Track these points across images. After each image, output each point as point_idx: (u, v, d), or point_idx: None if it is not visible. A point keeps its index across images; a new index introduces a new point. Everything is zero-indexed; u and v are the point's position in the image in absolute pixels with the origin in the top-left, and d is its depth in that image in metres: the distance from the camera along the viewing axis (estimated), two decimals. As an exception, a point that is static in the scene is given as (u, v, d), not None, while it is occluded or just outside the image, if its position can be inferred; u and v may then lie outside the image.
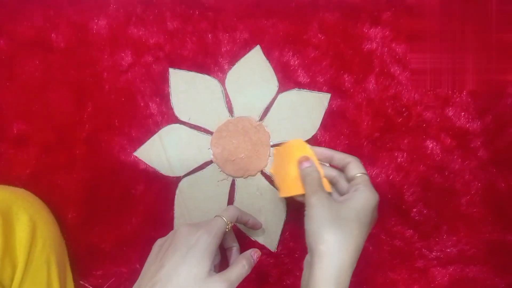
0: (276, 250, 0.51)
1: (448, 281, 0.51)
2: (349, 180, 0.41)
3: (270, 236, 0.51)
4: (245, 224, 0.46)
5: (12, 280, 0.41)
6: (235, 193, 0.52)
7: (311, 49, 0.52)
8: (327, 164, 0.45)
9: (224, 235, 0.41)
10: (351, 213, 0.37)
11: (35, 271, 0.42)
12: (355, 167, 0.41)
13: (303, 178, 0.42)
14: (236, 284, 0.38)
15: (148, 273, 0.38)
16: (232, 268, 0.39)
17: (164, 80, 0.52)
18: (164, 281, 0.36)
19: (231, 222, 0.42)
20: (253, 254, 0.42)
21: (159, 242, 0.41)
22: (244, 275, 0.39)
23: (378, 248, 0.51)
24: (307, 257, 0.38)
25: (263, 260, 0.51)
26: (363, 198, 0.38)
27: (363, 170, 0.41)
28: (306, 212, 0.39)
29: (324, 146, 0.51)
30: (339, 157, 0.43)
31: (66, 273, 0.48)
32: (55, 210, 0.50)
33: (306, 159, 0.43)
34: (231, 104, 0.52)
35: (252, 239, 0.51)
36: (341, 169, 0.43)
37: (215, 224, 0.40)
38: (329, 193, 0.41)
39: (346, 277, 0.35)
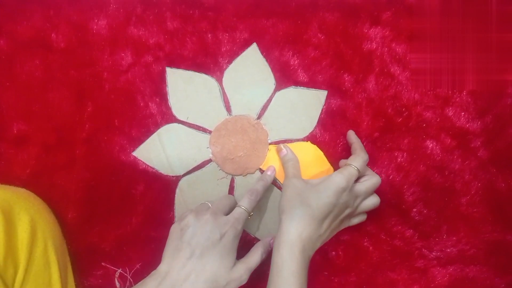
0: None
1: (448, 281, 0.51)
2: None
3: (270, 233, 0.51)
4: None
5: (14, 280, 0.41)
6: (235, 191, 0.52)
7: (311, 49, 0.52)
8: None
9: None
10: (313, 192, 0.43)
11: (37, 271, 0.42)
12: (349, 159, 0.46)
13: (283, 163, 0.49)
14: (253, 269, 0.43)
15: (178, 258, 0.40)
16: (252, 256, 0.44)
17: (164, 80, 0.52)
18: (199, 270, 0.40)
19: (252, 212, 0.46)
20: (272, 242, 0.46)
21: (178, 226, 0.43)
22: (260, 262, 0.44)
23: (378, 248, 0.51)
24: None
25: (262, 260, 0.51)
26: (327, 179, 0.44)
27: (354, 163, 0.45)
28: (282, 192, 0.46)
29: (323, 147, 0.51)
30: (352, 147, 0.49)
31: (67, 273, 0.48)
32: (55, 210, 0.50)
33: (285, 146, 0.50)
34: (229, 102, 0.52)
35: (253, 236, 0.51)
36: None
37: (240, 219, 0.44)
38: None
39: (298, 243, 0.41)
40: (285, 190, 0.45)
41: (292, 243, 0.41)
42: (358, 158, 0.46)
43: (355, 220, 0.47)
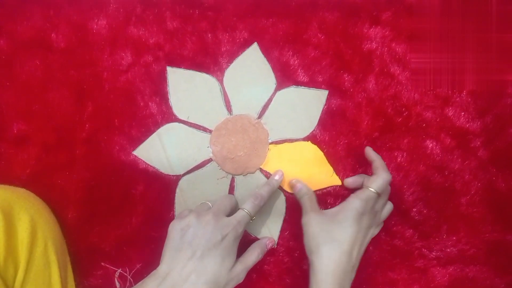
0: (276, 246, 0.51)
1: (448, 281, 0.51)
2: None
3: (270, 232, 0.51)
4: None
5: (14, 280, 0.41)
6: (235, 191, 0.52)
7: (311, 49, 0.52)
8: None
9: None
10: (335, 224, 0.43)
11: (37, 271, 0.42)
12: (369, 181, 0.45)
13: (299, 199, 0.48)
14: (250, 268, 0.44)
15: (178, 259, 0.40)
16: (249, 256, 0.44)
17: (163, 79, 0.52)
18: (199, 271, 0.40)
19: (254, 216, 0.46)
20: (268, 243, 0.48)
21: (178, 225, 0.43)
22: (257, 261, 0.45)
23: (378, 248, 0.51)
24: None
25: (263, 259, 0.51)
26: (345, 207, 0.44)
27: (373, 186, 0.44)
28: (303, 229, 0.45)
29: (323, 146, 0.51)
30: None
31: (67, 272, 0.48)
32: (55, 210, 0.50)
33: (298, 181, 0.49)
34: (229, 102, 0.52)
35: (252, 235, 0.51)
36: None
37: (242, 222, 0.43)
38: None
39: (333, 281, 0.41)
40: (307, 228, 0.45)
41: (328, 282, 0.41)
42: (378, 180, 0.44)
43: (375, 232, 0.47)
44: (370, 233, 0.45)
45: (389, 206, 0.47)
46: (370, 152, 0.49)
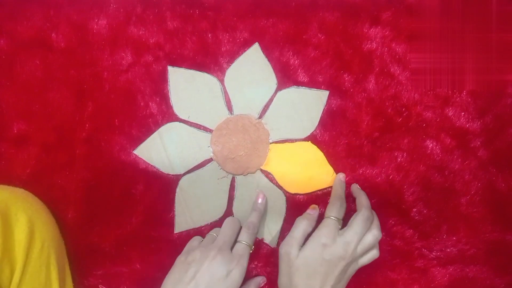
0: (276, 246, 0.51)
1: (448, 281, 0.51)
2: None
3: (270, 232, 0.51)
4: None
5: (10, 281, 0.40)
6: (235, 191, 0.52)
7: (311, 49, 0.52)
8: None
9: None
10: (302, 266, 0.43)
11: (34, 272, 0.42)
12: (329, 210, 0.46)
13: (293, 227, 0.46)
14: None
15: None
16: None
17: (164, 79, 0.52)
18: None
19: (253, 245, 0.46)
20: (262, 282, 0.49)
21: (184, 259, 0.43)
22: None
23: (378, 248, 0.51)
24: None
25: (264, 262, 0.51)
26: (308, 250, 0.43)
27: (334, 214, 0.45)
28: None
29: (323, 146, 0.51)
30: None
31: (65, 274, 0.48)
32: (55, 210, 0.50)
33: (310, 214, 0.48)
34: (230, 102, 0.52)
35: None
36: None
37: (245, 255, 0.43)
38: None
39: None
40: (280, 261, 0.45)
41: None
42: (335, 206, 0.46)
43: (364, 260, 0.45)
44: (340, 267, 0.43)
45: (374, 251, 0.45)
46: (355, 188, 0.50)
